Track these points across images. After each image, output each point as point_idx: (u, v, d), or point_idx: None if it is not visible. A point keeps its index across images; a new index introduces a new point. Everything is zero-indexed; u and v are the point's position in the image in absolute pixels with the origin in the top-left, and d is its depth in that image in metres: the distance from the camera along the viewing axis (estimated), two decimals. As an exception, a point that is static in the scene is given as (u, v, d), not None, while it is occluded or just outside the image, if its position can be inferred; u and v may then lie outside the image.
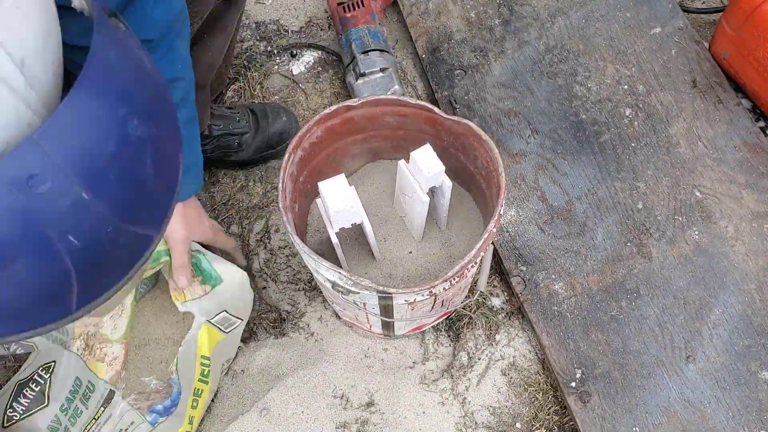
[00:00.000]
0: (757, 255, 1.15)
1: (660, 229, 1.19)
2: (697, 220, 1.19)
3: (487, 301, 1.18)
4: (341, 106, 0.97)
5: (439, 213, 1.03)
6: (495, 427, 1.11)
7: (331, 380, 1.14)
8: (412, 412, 1.12)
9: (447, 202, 0.99)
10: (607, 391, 1.09)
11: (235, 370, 1.16)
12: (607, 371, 1.10)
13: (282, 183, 0.92)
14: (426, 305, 0.96)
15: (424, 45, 1.40)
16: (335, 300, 1.03)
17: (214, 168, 1.30)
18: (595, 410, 1.08)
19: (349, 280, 0.86)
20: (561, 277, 1.17)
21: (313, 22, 1.47)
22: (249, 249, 1.25)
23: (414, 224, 1.02)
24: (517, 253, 1.20)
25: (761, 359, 1.09)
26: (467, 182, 1.06)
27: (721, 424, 1.06)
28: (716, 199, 1.20)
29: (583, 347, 1.12)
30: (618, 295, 1.15)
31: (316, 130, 0.97)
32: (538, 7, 1.42)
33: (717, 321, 1.12)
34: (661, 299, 1.14)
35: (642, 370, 1.10)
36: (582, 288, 1.17)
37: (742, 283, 1.14)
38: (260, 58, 1.41)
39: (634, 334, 1.12)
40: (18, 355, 0.92)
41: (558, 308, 1.15)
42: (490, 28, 1.41)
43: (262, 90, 1.36)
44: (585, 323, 1.14)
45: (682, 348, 1.11)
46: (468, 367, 1.14)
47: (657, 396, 1.08)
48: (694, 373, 1.09)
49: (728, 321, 1.12)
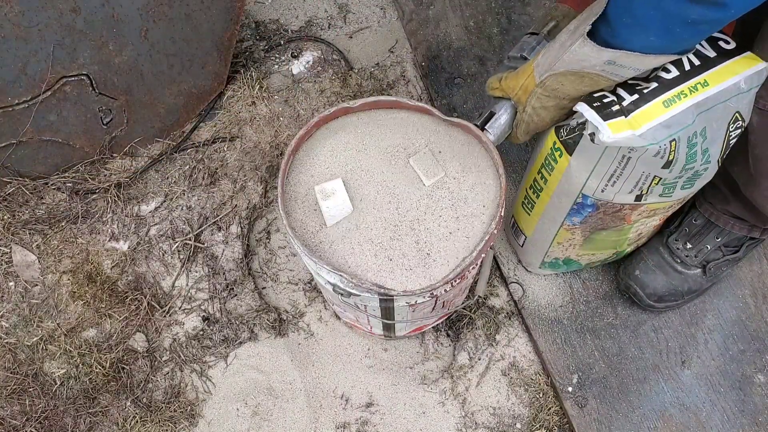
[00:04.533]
0: (751, 261, 1.17)
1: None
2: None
3: (488, 301, 1.19)
4: (340, 107, 0.97)
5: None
6: (495, 427, 1.11)
7: (331, 380, 1.15)
8: (412, 412, 1.12)
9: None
10: (603, 395, 1.10)
11: (235, 370, 1.15)
12: (603, 376, 1.11)
13: (281, 185, 0.92)
14: (427, 307, 0.97)
15: (424, 53, 1.41)
16: (335, 301, 1.03)
17: (213, 168, 1.30)
18: (592, 414, 1.09)
19: (350, 283, 0.86)
20: (558, 283, 1.18)
21: (313, 21, 1.48)
22: (249, 249, 1.25)
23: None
24: (516, 259, 1.21)
25: (755, 363, 1.10)
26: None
27: (716, 427, 1.07)
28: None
29: (579, 352, 1.13)
30: (614, 300, 1.17)
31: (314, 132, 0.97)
32: (536, 16, 1.44)
33: (712, 326, 1.13)
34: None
35: (638, 375, 1.11)
36: (579, 294, 1.18)
37: (736, 288, 1.16)
38: (260, 58, 1.41)
39: (630, 339, 1.14)
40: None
41: (555, 314, 1.16)
42: (489, 36, 1.42)
43: (262, 90, 1.36)
44: (581, 329, 1.15)
45: (677, 353, 1.12)
46: (468, 367, 1.15)
47: (653, 400, 1.09)
48: (690, 378, 1.10)
49: (723, 326, 1.13)
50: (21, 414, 1.11)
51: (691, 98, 0.80)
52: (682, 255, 1.10)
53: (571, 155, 0.89)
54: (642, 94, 0.81)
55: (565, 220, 0.99)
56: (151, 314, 1.18)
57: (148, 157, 1.31)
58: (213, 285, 1.21)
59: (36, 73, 1.07)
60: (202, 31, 1.21)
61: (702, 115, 0.81)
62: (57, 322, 1.17)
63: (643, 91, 0.81)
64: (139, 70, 1.18)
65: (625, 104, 0.80)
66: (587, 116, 0.81)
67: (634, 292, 1.10)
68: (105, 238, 1.25)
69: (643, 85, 0.82)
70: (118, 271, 1.22)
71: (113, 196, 1.26)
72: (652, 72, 0.83)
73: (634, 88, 0.82)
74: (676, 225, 1.12)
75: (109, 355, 1.14)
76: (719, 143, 0.85)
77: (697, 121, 0.81)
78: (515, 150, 1.30)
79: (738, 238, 1.10)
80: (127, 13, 1.09)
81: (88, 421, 1.12)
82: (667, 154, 0.81)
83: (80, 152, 1.25)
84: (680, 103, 0.80)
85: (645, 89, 0.81)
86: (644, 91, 0.81)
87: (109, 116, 1.22)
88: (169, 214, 1.27)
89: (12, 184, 1.23)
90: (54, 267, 1.22)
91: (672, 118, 0.79)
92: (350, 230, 0.89)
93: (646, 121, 0.79)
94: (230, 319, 1.18)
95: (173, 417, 1.12)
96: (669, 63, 0.82)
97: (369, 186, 0.92)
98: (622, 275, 1.12)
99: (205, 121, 1.36)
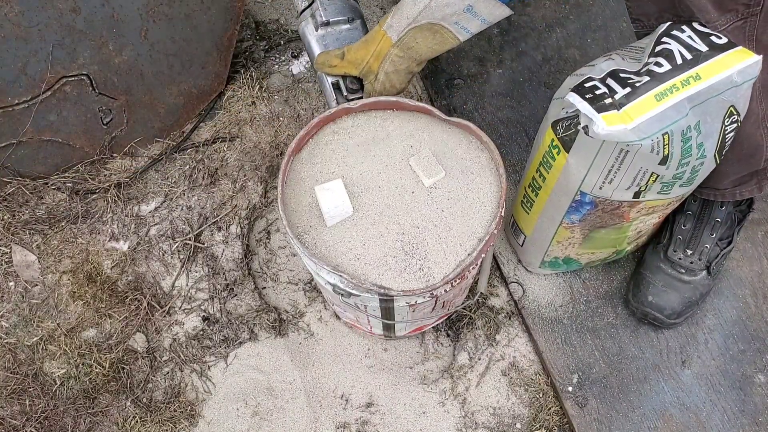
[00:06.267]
0: (752, 261, 1.17)
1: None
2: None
3: (488, 301, 1.19)
4: (340, 108, 0.97)
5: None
6: (495, 427, 1.11)
7: (331, 380, 1.15)
8: (412, 412, 1.12)
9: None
10: (603, 395, 1.10)
11: (235, 370, 1.15)
12: (603, 376, 1.11)
13: (281, 185, 0.92)
14: (427, 307, 0.97)
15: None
16: (335, 302, 1.03)
17: (213, 168, 1.30)
18: (592, 414, 1.09)
19: (350, 283, 0.86)
20: (558, 283, 1.18)
21: (313, 24, 1.48)
22: (249, 249, 1.25)
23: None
24: (516, 259, 1.21)
25: (756, 363, 1.10)
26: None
27: (717, 427, 1.07)
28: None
29: (579, 352, 1.13)
30: (614, 300, 1.17)
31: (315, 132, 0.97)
32: (536, 17, 1.44)
33: (712, 326, 1.13)
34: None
35: (638, 375, 1.11)
36: (579, 294, 1.18)
37: (736, 288, 1.16)
38: (260, 58, 1.41)
39: (630, 339, 1.14)
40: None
41: (555, 314, 1.16)
42: (489, 38, 1.42)
43: (262, 90, 1.36)
44: (581, 329, 1.15)
45: (677, 352, 1.12)
46: (468, 367, 1.15)
47: (653, 400, 1.09)
48: (690, 378, 1.10)
49: (723, 326, 1.13)
50: (21, 414, 1.11)
51: (683, 92, 0.80)
52: (686, 263, 1.09)
53: (568, 152, 0.89)
54: (634, 87, 0.81)
55: (564, 219, 0.99)
56: (151, 314, 1.18)
57: (148, 157, 1.32)
58: (213, 285, 1.21)
59: (36, 73, 1.07)
60: (202, 31, 1.21)
61: (695, 108, 0.81)
62: (57, 322, 1.17)
63: (635, 85, 0.81)
64: (139, 70, 1.19)
65: (617, 97, 0.81)
66: (580, 108, 0.81)
67: (653, 318, 1.10)
68: (105, 238, 1.25)
69: (635, 78, 0.82)
70: (118, 271, 1.22)
71: (113, 196, 1.26)
72: (644, 66, 0.83)
73: (626, 81, 0.82)
74: (667, 237, 1.12)
75: (109, 355, 1.14)
76: (715, 138, 0.85)
77: (690, 114, 0.81)
78: (516, 150, 1.30)
79: (729, 227, 1.10)
80: (127, 13, 1.09)
81: (88, 421, 1.12)
82: (661, 148, 0.81)
83: (80, 152, 1.25)
84: (672, 96, 0.80)
85: (637, 83, 0.81)
86: (636, 85, 0.81)
87: (109, 116, 1.23)
88: (169, 214, 1.27)
89: (12, 184, 1.23)
90: (54, 267, 1.22)
91: (664, 111, 0.79)
92: (350, 230, 0.89)
93: (638, 115, 0.79)
94: (230, 319, 1.18)
95: (173, 417, 1.12)
96: (661, 57, 0.82)
97: (369, 186, 0.92)
98: (636, 304, 1.11)
99: (205, 121, 1.36)
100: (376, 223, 0.90)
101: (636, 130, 0.79)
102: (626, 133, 0.79)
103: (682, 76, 0.81)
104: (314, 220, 0.90)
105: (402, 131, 0.96)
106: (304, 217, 0.91)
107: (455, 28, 0.90)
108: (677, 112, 0.80)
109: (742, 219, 1.13)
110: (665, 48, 0.83)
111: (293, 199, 0.93)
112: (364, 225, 0.90)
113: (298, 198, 0.92)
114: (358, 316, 1.03)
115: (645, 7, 0.92)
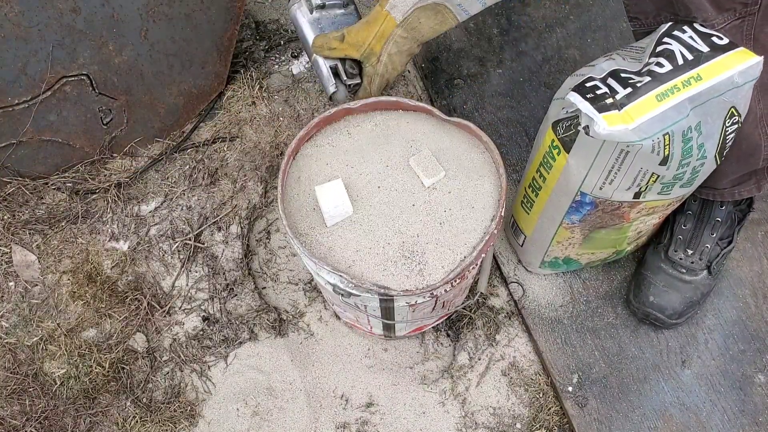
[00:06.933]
0: (752, 261, 1.17)
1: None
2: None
3: (488, 301, 1.19)
4: (341, 108, 0.97)
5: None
6: (495, 427, 1.11)
7: (331, 380, 1.15)
8: (412, 412, 1.12)
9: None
10: (603, 395, 1.10)
11: (235, 370, 1.15)
12: (603, 376, 1.11)
13: (282, 185, 0.92)
14: (427, 307, 0.97)
15: (424, 54, 1.41)
16: (335, 302, 1.03)
17: (213, 168, 1.30)
18: (592, 414, 1.09)
19: (350, 283, 0.86)
20: (558, 283, 1.18)
21: (313, 24, 1.48)
22: (249, 249, 1.25)
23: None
24: (516, 259, 1.21)
25: (756, 363, 1.10)
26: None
27: (717, 427, 1.07)
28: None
29: (579, 352, 1.13)
30: (614, 300, 1.17)
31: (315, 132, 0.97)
32: (536, 17, 1.44)
33: (712, 326, 1.13)
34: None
35: (638, 375, 1.11)
36: (579, 294, 1.18)
37: (736, 288, 1.16)
38: (260, 58, 1.41)
39: (630, 339, 1.14)
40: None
41: (555, 314, 1.16)
42: (489, 38, 1.42)
43: (262, 90, 1.36)
44: (581, 329, 1.15)
45: (677, 352, 1.12)
46: (468, 367, 1.15)
47: (653, 400, 1.09)
48: (690, 377, 1.10)
49: (723, 326, 1.13)
50: (21, 414, 1.11)
51: (684, 92, 0.80)
52: (687, 263, 1.09)
53: (568, 153, 0.89)
54: (635, 87, 0.81)
55: (564, 219, 0.99)
56: (151, 314, 1.18)
57: (148, 157, 1.32)
58: (213, 285, 1.21)
59: (36, 73, 1.07)
60: (202, 31, 1.21)
61: (696, 109, 0.81)
62: (57, 322, 1.17)
63: (636, 85, 0.81)
64: (139, 70, 1.19)
65: (618, 97, 0.80)
66: (581, 107, 0.81)
67: (655, 318, 1.10)
68: (105, 238, 1.25)
69: (636, 78, 0.82)
70: (118, 271, 1.22)
71: (113, 196, 1.26)
72: (645, 66, 0.83)
73: (627, 81, 0.82)
74: (667, 237, 1.12)
75: (109, 355, 1.14)
76: (715, 138, 0.85)
77: (691, 115, 0.81)
78: (516, 150, 1.30)
79: (729, 227, 1.10)
80: (127, 13, 1.09)
81: (88, 421, 1.12)
82: (662, 149, 0.81)
83: (80, 152, 1.25)
84: (673, 97, 0.80)
85: (638, 83, 0.81)
86: (637, 85, 0.81)
87: (109, 116, 1.23)
88: (169, 214, 1.27)
89: (12, 184, 1.23)
90: (54, 267, 1.22)
91: (665, 112, 0.79)
92: (350, 230, 0.89)
93: (639, 115, 0.79)
94: (230, 319, 1.18)
95: (173, 417, 1.12)
96: (662, 57, 0.83)
97: (369, 186, 0.92)
98: (638, 305, 1.11)
99: (205, 121, 1.36)
100: (376, 223, 0.90)
101: (637, 131, 0.79)
102: (627, 133, 0.79)
103: (683, 76, 0.81)
104: (314, 220, 0.90)
105: (402, 131, 0.96)
106: (304, 217, 0.91)
107: (457, 9, 0.92)
108: (678, 113, 0.80)
109: (742, 218, 1.13)
110: (666, 48, 0.84)
111: (293, 199, 0.93)
112: (364, 225, 0.90)
113: (298, 198, 0.92)
114: (358, 316, 1.03)
115: (643, 6, 0.92)
